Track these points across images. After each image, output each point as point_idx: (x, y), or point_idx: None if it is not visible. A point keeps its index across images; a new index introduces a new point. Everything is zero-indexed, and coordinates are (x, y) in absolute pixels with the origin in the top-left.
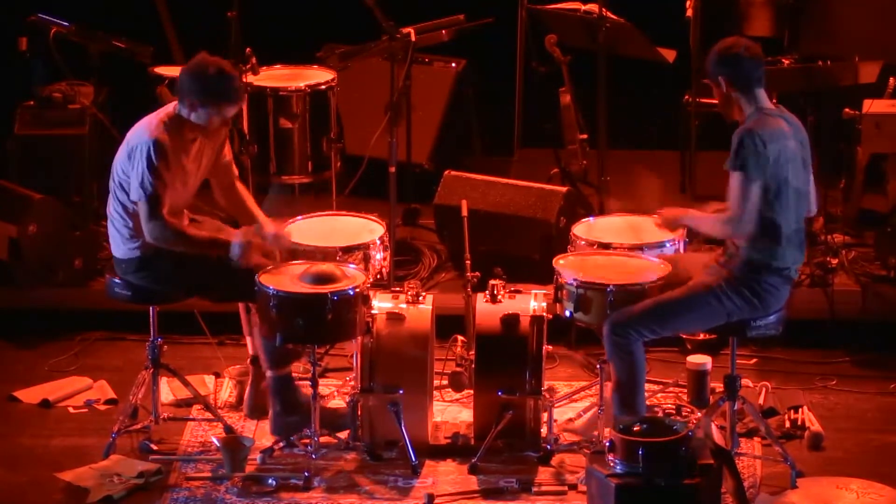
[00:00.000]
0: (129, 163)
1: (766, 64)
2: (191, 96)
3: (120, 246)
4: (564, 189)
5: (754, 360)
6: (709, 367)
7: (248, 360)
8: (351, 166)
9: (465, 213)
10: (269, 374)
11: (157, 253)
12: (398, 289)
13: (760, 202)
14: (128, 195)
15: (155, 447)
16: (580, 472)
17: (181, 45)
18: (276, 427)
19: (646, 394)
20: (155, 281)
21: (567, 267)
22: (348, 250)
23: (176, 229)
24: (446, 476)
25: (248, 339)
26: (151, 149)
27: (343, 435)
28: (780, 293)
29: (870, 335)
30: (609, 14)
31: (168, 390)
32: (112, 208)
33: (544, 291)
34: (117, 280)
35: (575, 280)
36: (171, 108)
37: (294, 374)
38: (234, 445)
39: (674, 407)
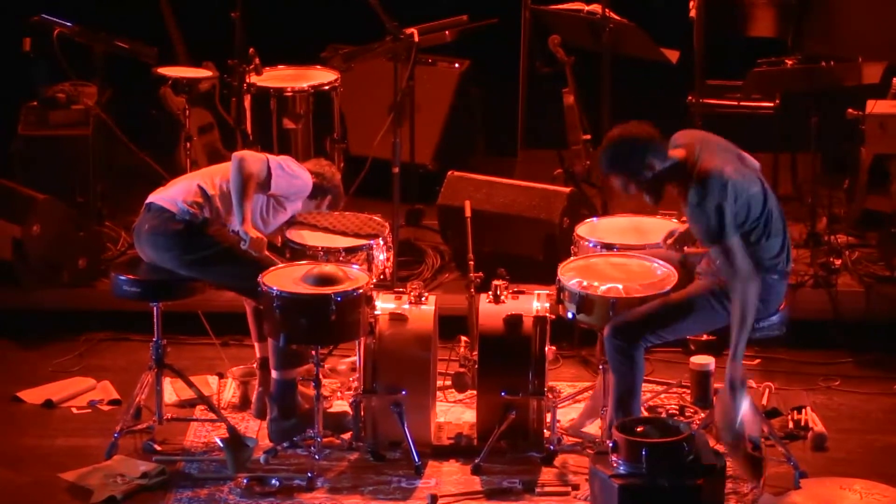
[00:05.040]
0: (292, 164)
1: (771, 66)
2: (325, 195)
3: (177, 203)
4: (568, 190)
5: (757, 360)
6: (712, 367)
7: (257, 365)
8: (354, 167)
9: (468, 213)
10: (274, 374)
11: (206, 223)
12: (401, 289)
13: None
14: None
15: (158, 447)
16: (583, 473)
17: (185, 46)
18: (272, 432)
19: (648, 394)
20: (185, 247)
21: (571, 277)
22: (351, 251)
23: (253, 172)
24: (449, 477)
25: (257, 346)
26: (304, 185)
27: (346, 436)
28: (777, 289)
29: (873, 336)
30: (612, 14)
31: (171, 391)
32: (208, 183)
33: (547, 292)
34: (124, 277)
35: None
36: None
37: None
38: (238, 446)
39: (677, 407)
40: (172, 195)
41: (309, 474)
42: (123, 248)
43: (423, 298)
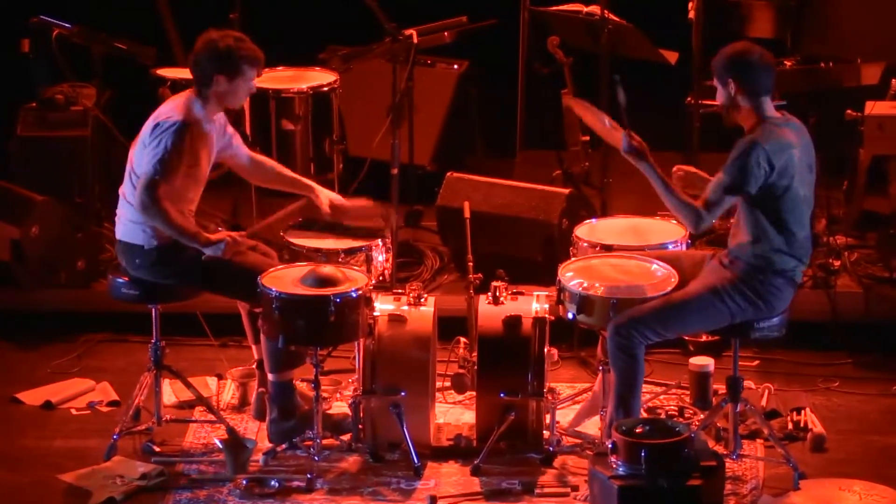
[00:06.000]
0: (149, 138)
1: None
2: (218, 71)
3: (138, 234)
4: (567, 191)
5: (757, 361)
6: (711, 368)
7: (255, 365)
8: (353, 168)
9: (467, 214)
10: (270, 377)
11: (176, 243)
12: (400, 291)
13: (748, 214)
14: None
15: (157, 449)
16: (583, 474)
17: (183, 47)
18: (272, 433)
19: (648, 395)
20: (167, 274)
21: (572, 278)
22: (350, 252)
23: (162, 208)
24: (449, 478)
25: (254, 347)
26: (180, 129)
27: (345, 437)
28: (784, 295)
29: (872, 337)
30: (611, 16)
31: (170, 392)
32: (129, 196)
33: (546, 293)
34: (121, 279)
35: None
36: (192, 95)
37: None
38: (237, 447)
39: (676, 409)
40: (131, 227)
41: (308, 475)
42: None
43: (422, 299)
